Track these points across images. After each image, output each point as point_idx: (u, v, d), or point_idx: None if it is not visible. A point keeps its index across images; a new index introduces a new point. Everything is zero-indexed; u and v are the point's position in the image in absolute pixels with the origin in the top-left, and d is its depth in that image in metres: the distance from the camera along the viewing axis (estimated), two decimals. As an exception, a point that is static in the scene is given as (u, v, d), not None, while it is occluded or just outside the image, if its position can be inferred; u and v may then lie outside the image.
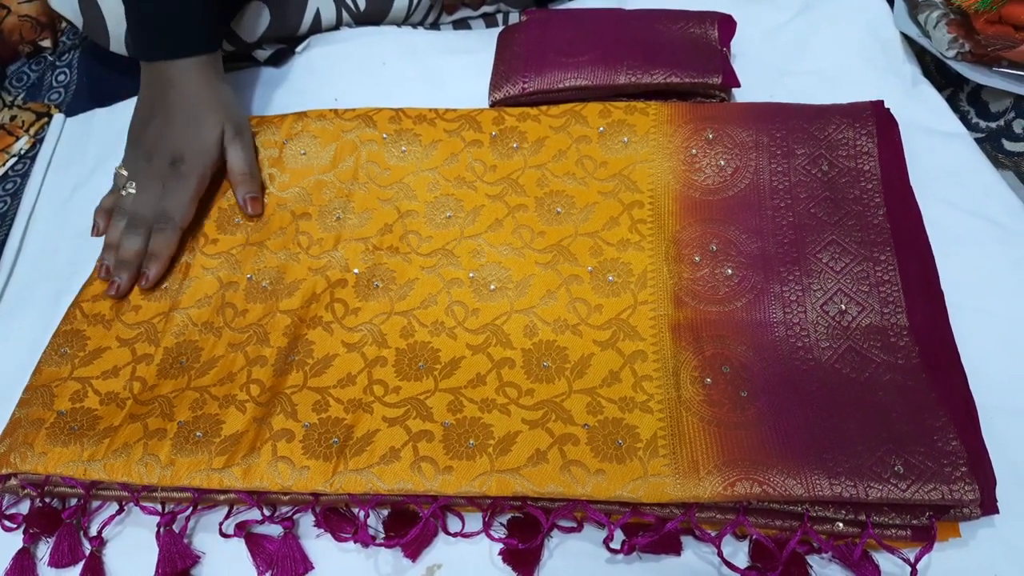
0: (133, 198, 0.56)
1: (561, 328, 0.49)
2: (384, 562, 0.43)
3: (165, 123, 0.57)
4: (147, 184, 0.56)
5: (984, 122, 0.60)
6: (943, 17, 0.60)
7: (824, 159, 0.54)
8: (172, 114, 0.57)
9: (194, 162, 0.56)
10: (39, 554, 0.46)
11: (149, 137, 0.57)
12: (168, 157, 0.56)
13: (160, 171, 0.56)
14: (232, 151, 0.58)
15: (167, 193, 0.55)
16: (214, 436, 0.45)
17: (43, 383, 0.50)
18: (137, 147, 0.58)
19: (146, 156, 0.57)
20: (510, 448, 0.43)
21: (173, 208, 0.55)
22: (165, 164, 0.56)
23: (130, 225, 0.55)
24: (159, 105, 0.58)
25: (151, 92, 0.59)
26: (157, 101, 0.58)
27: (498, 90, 0.63)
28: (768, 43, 0.66)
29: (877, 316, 0.46)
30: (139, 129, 0.58)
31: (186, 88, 0.57)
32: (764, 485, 0.39)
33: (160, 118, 0.57)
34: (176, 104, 0.57)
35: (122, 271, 0.54)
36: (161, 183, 0.56)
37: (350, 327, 0.50)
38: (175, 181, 0.56)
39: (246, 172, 0.58)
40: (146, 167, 0.56)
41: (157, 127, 0.57)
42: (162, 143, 0.56)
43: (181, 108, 0.57)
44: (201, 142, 0.57)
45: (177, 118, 0.57)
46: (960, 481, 0.38)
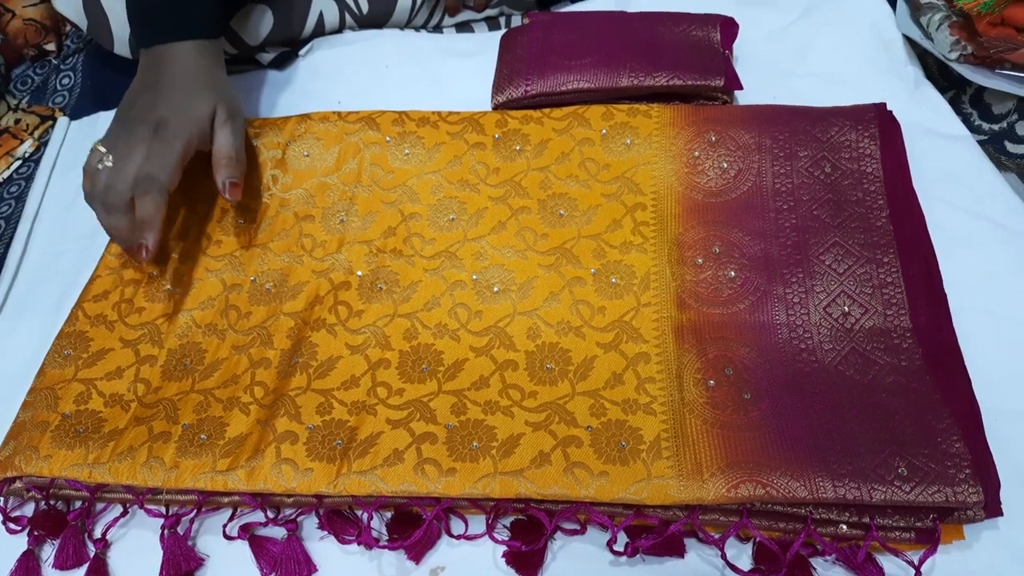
0: (108, 171, 0.52)
1: (564, 330, 0.49)
2: (387, 564, 0.43)
3: (155, 95, 0.55)
4: (125, 152, 0.52)
5: (987, 124, 0.60)
6: (945, 19, 0.60)
7: (827, 161, 0.54)
8: (163, 87, 0.55)
9: (179, 127, 0.53)
10: (43, 556, 0.46)
11: (135, 110, 0.55)
12: (152, 124, 0.53)
13: (142, 137, 0.53)
14: (221, 133, 0.55)
15: (150, 156, 0.52)
16: (218, 439, 0.46)
17: (47, 385, 0.50)
18: (121, 122, 0.55)
19: (128, 126, 0.54)
20: (513, 450, 0.43)
21: (156, 170, 0.52)
22: (148, 130, 0.53)
23: (107, 204, 0.51)
24: (151, 82, 0.56)
25: (143, 73, 0.57)
26: (150, 80, 0.56)
27: (501, 93, 0.63)
28: (771, 45, 0.66)
29: (880, 318, 0.46)
30: (127, 107, 0.56)
31: (182, 67, 0.56)
32: (768, 487, 0.39)
33: (150, 92, 0.55)
34: (170, 79, 0.55)
35: (128, 250, 0.52)
36: (142, 148, 0.52)
37: (354, 329, 0.51)
38: (158, 144, 0.52)
39: (231, 156, 0.55)
40: (126, 136, 0.53)
41: (146, 100, 0.55)
42: (147, 113, 0.54)
43: (174, 83, 0.55)
44: (190, 112, 0.54)
45: (168, 91, 0.55)
46: (964, 483, 0.38)
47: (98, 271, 0.56)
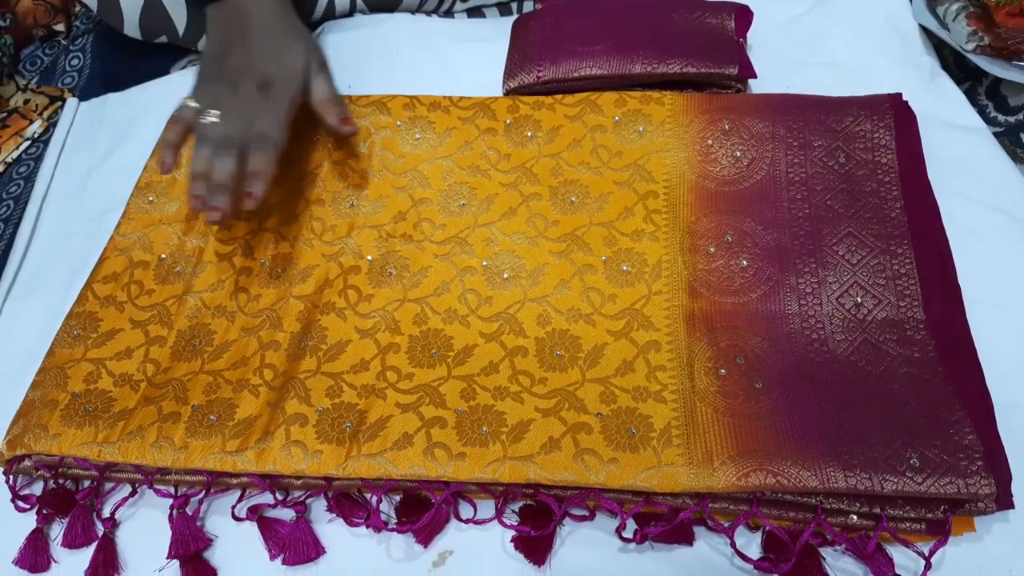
0: (219, 124, 0.53)
1: (574, 317, 0.48)
2: (396, 547, 0.43)
3: (248, 50, 0.56)
4: (235, 109, 0.53)
5: (1003, 116, 0.60)
6: (963, 10, 0.60)
7: (841, 151, 0.54)
8: (255, 41, 0.56)
9: (284, 86, 0.55)
10: (52, 535, 0.46)
11: (231, 66, 0.55)
12: (256, 82, 0.54)
13: (248, 96, 0.54)
14: (317, 81, 0.57)
15: (260, 115, 0.53)
16: (228, 420, 0.46)
17: (57, 364, 0.50)
18: (216, 77, 0.56)
19: (230, 84, 0.54)
20: (523, 436, 0.43)
21: (270, 128, 0.53)
22: (253, 89, 0.54)
23: (220, 148, 0.52)
24: (237, 36, 0.56)
25: (224, 27, 0.58)
26: (234, 34, 0.57)
27: (512, 78, 0.63)
28: (785, 34, 0.66)
29: (893, 309, 0.46)
30: (215, 61, 0.57)
31: (267, 18, 0.57)
32: (778, 476, 0.39)
33: (241, 47, 0.56)
34: (259, 32, 0.56)
35: (219, 195, 0.51)
36: (250, 107, 0.54)
37: (363, 313, 0.50)
38: (267, 103, 0.54)
39: (335, 96, 0.57)
40: (231, 93, 0.54)
41: (239, 55, 0.56)
42: (248, 69, 0.55)
43: (265, 35, 0.56)
44: (290, 68, 0.56)
45: (262, 44, 0.56)
46: (976, 475, 0.38)
47: (107, 252, 0.56)
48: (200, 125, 0.53)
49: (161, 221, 0.57)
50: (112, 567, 0.44)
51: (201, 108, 0.54)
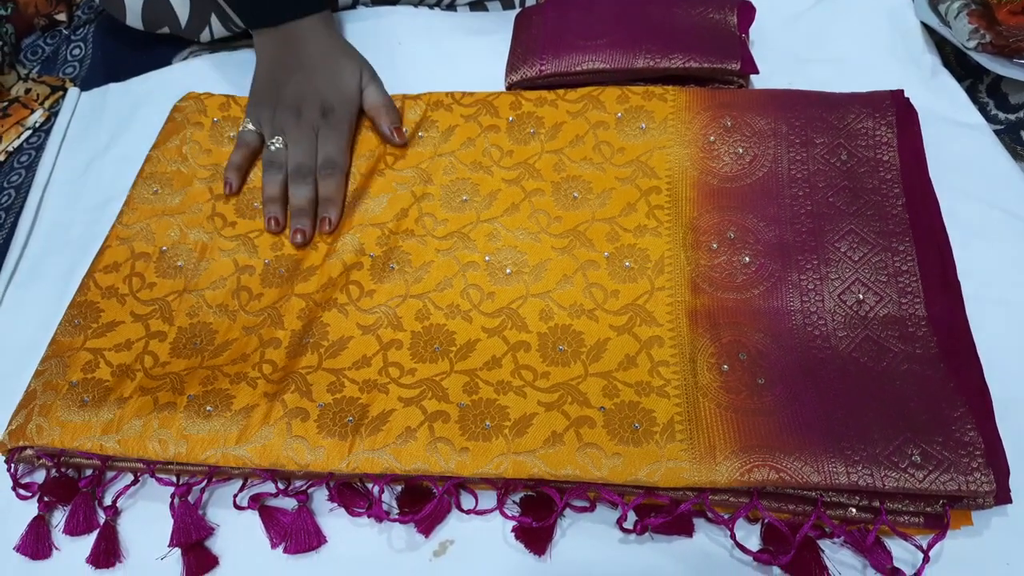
0: (288, 151, 0.57)
1: (577, 313, 0.49)
2: (397, 537, 0.44)
3: (307, 77, 0.59)
4: (300, 136, 0.57)
5: (1003, 114, 0.60)
6: (964, 7, 0.60)
7: (843, 148, 0.54)
8: (312, 67, 0.60)
9: (343, 111, 0.59)
10: (53, 522, 0.46)
11: (291, 92, 0.59)
12: (318, 108, 0.58)
13: (312, 122, 0.58)
14: (369, 91, 0.60)
15: (325, 142, 0.57)
16: (224, 410, 0.45)
17: (57, 354, 0.50)
18: (277, 104, 0.59)
19: (293, 110, 0.58)
20: (526, 430, 0.43)
21: (335, 154, 0.57)
22: (316, 115, 0.58)
23: (297, 175, 0.56)
24: (294, 62, 0.60)
25: (279, 52, 0.61)
26: (290, 58, 0.60)
27: (515, 72, 0.63)
28: (787, 30, 0.66)
29: (895, 306, 0.46)
30: (274, 87, 0.60)
31: (320, 42, 0.61)
32: (781, 471, 0.39)
33: (300, 73, 0.60)
34: (314, 57, 0.60)
35: (303, 219, 0.55)
36: (314, 133, 0.58)
37: (365, 309, 0.50)
38: (329, 130, 0.58)
39: (388, 104, 0.60)
40: (295, 120, 0.58)
41: (299, 81, 0.59)
42: (310, 96, 0.59)
43: (320, 60, 0.60)
44: (347, 91, 0.60)
45: (319, 70, 0.60)
46: (977, 471, 0.38)
47: (108, 240, 0.56)
48: (268, 151, 0.58)
49: (164, 212, 0.57)
50: (113, 555, 0.44)
51: (266, 134, 0.59)
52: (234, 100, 0.64)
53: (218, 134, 0.62)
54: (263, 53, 0.62)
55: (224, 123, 0.62)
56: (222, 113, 0.63)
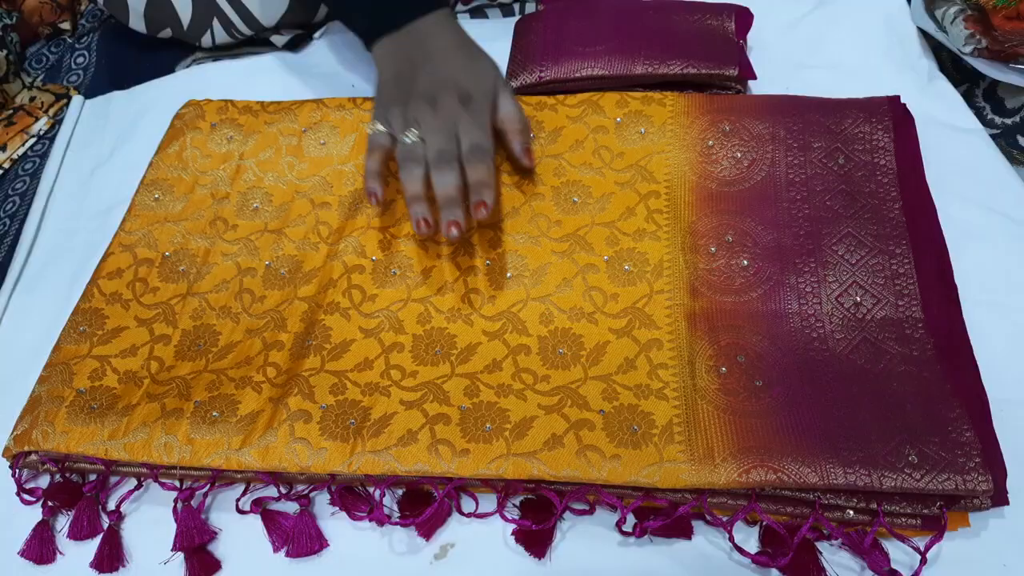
0: (427, 141, 0.51)
1: (577, 316, 0.49)
2: (398, 540, 0.44)
3: (439, 65, 0.54)
4: (438, 124, 0.51)
5: (1000, 118, 0.61)
6: (960, 13, 0.60)
7: (840, 153, 0.54)
8: (444, 57, 0.54)
9: (482, 100, 0.53)
10: (57, 527, 0.47)
11: (423, 83, 0.53)
12: (455, 96, 0.52)
13: (451, 110, 0.52)
14: (505, 102, 0.55)
15: (468, 128, 0.51)
16: (230, 416, 0.46)
17: (62, 360, 0.50)
18: (408, 97, 0.53)
19: (427, 100, 0.52)
20: (526, 432, 0.43)
21: (479, 138, 0.51)
22: (454, 103, 0.52)
23: (440, 162, 0.50)
24: (422, 56, 0.55)
25: (404, 52, 0.56)
26: (417, 55, 0.55)
27: (515, 78, 0.63)
28: (785, 36, 0.67)
29: (892, 308, 0.47)
30: (402, 83, 0.55)
31: (449, 35, 0.56)
32: (779, 473, 0.40)
33: (430, 64, 0.54)
34: (445, 48, 0.55)
35: (454, 209, 0.49)
36: (454, 122, 0.52)
37: (367, 313, 0.51)
38: (471, 116, 0.52)
39: (524, 122, 0.55)
40: (431, 110, 0.52)
41: (430, 72, 0.54)
42: (444, 83, 0.53)
43: (453, 51, 0.55)
44: (484, 82, 0.54)
45: (453, 59, 0.55)
46: (974, 472, 0.38)
47: (112, 248, 0.57)
48: (403, 147, 0.52)
49: (166, 219, 0.58)
50: (117, 559, 0.45)
51: (397, 130, 0.53)
52: (232, 103, 0.64)
53: (217, 137, 0.62)
54: (385, 57, 0.57)
55: (222, 126, 0.63)
56: (220, 116, 0.63)
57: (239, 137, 0.62)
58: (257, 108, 0.64)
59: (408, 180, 0.50)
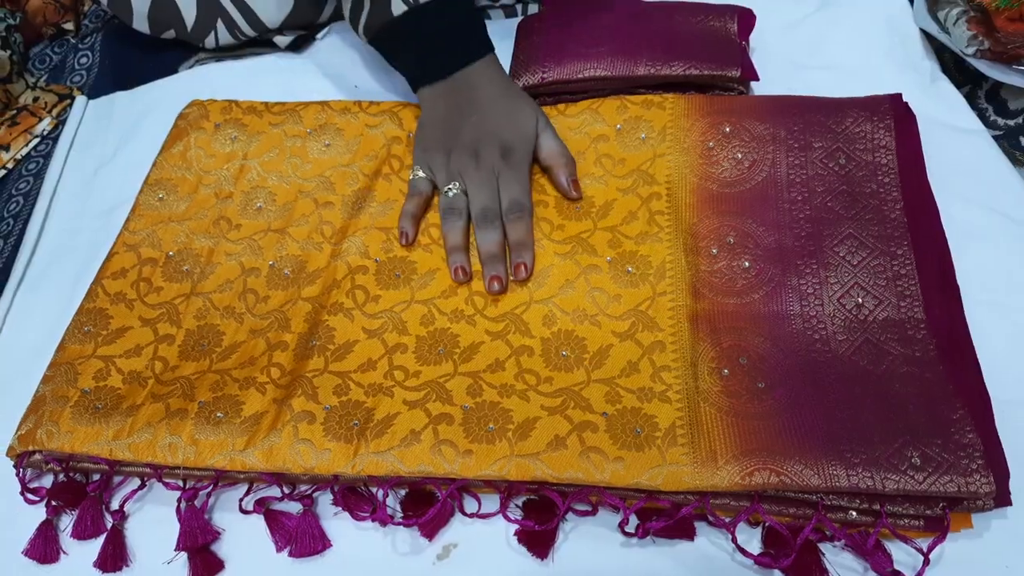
0: (470, 195, 0.55)
1: (580, 318, 0.49)
2: (401, 540, 0.44)
3: (483, 118, 0.56)
4: (481, 179, 0.54)
5: (1002, 119, 0.61)
6: (963, 14, 0.60)
7: (841, 153, 0.54)
8: (488, 108, 0.57)
9: (523, 151, 0.56)
10: (61, 526, 0.47)
11: (467, 135, 0.56)
12: (497, 149, 0.55)
13: (492, 164, 0.55)
14: (546, 138, 0.57)
15: (508, 183, 0.54)
16: (234, 417, 0.46)
17: (67, 360, 0.50)
18: (452, 148, 0.56)
19: (470, 153, 0.55)
20: (529, 433, 0.44)
21: (521, 196, 0.54)
22: (496, 157, 0.55)
23: (484, 220, 0.53)
24: (467, 105, 0.57)
25: (451, 99, 0.58)
26: (463, 102, 0.57)
27: (518, 79, 0.63)
28: (787, 37, 0.67)
29: (894, 309, 0.47)
30: (447, 131, 0.57)
31: (493, 84, 0.58)
32: (782, 475, 0.40)
33: (475, 115, 0.56)
34: (489, 99, 0.57)
35: (497, 265, 0.52)
36: (495, 176, 0.55)
37: (371, 314, 0.51)
38: (511, 171, 0.55)
39: (567, 153, 0.57)
40: (474, 164, 0.55)
41: (475, 124, 0.56)
42: (487, 137, 0.56)
43: (496, 101, 0.57)
44: (525, 131, 0.56)
45: (495, 111, 0.57)
46: (977, 473, 0.38)
47: (115, 248, 0.57)
48: (446, 198, 0.55)
49: (170, 219, 0.58)
50: (121, 559, 0.45)
51: (440, 180, 0.56)
52: (236, 104, 0.64)
53: (221, 137, 0.63)
54: (431, 101, 0.58)
55: (226, 126, 0.63)
56: (224, 116, 0.64)
57: (243, 137, 0.62)
58: (261, 108, 0.64)
59: (450, 231, 0.54)
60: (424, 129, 0.58)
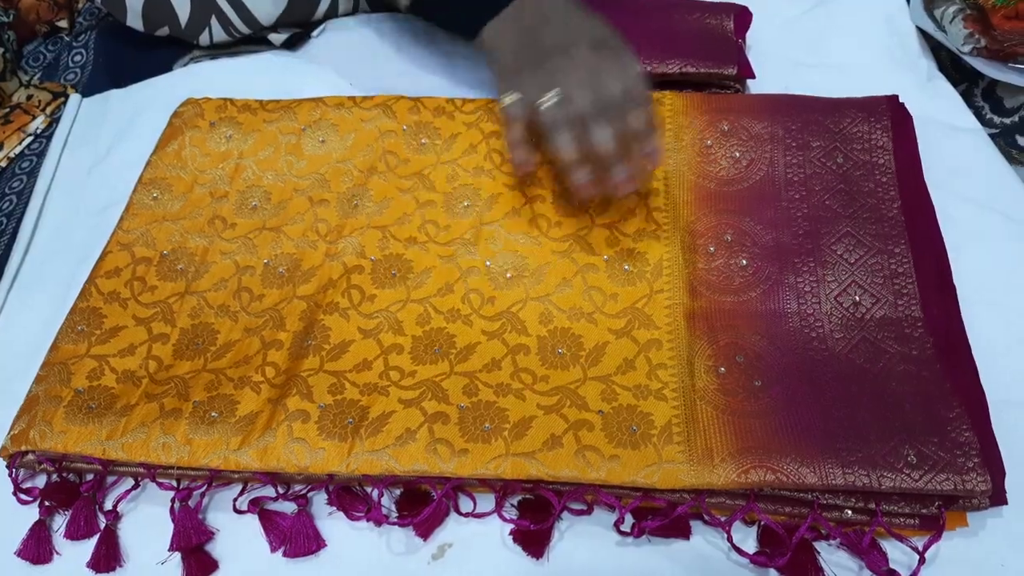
0: (573, 98, 0.48)
1: (576, 316, 0.49)
2: (396, 540, 0.44)
3: (563, 23, 0.51)
4: (580, 77, 0.48)
5: (998, 118, 0.61)
6: (959, 12, 0.60)
7: (839, 152, 0.54)
8: (564, 15, 0.52)
9: (615, 41, 0.50)
10: (54, 526, 0.46)
11: (550, 42, 0.51)
12: (588, 44, 0.49)
13: (587, 59, 0.49)
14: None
15: (612, 73, 0.48)
16: (229, 416, 0.46)
17: (60, 360, 0.50)
18: (538, 61, 0.51)
19: (561, 56, 0.49)
20: (525, 432, 0.43)
21: (632, 81, 0.48)
22: (588, 51, 0.49)
23: (593, 119, 0.47)
24: (538, 21, 0.52)
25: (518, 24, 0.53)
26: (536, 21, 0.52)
27: (514, 78, 0.63)
28: (784, 35, 0.66)
29: (891, 308, 0.47)
30: (526, 50, 0.52)
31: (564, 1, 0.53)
32: (777, 473, 0.40)
33: (551, 25, 0.51)
34: (565, 9, 0.52)
35: (618, 167, 0.48)
36: (595, 71, 0.48)
37: (366, 314, 0.51)
38: (613, 58, 0.49)
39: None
40: (566, 66, 0.49)
41: (555, 31, 0.51)
42: (573, 36, 0.50)
43: (571, 10, 0.52)
44: (608, 28, 0.51)
45: (573, 14, 0.52)
46: (972, 472, 0.38)
47: (109, 246, 0.57)
48: (546, 112, 0.49)
49: (165, 217, 0.58)
50: (114, 559, 0.45)
51: (534, 97, 0.50)
52: (230, 102, 0.64)
53: (216, 136, 0.62)
54: (500, 32, 0.54)
55: (221, 124, 0.63)
56: (219, 115, 0.63)
57: (238, 135, 0.62)
58: (256, 106, 0.64)
59: (562, 146, 0.48)
60: (502, 59, 0.53)
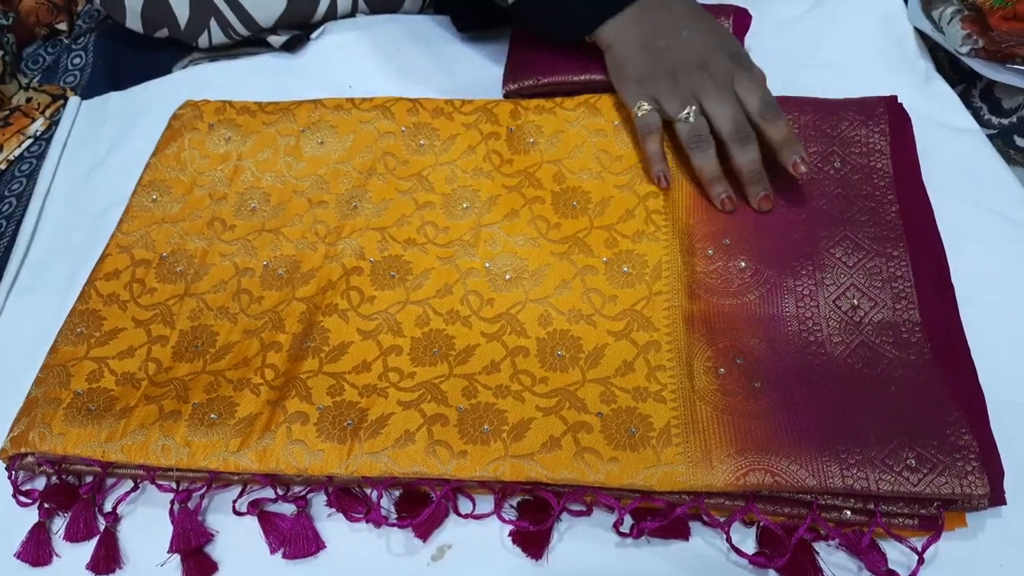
0: (713, 114, 0.50)
1: (575, 318, 0.49)
2: (395, 541, 0.44)
3: (695, 30, 0.52)
4: (721, 93, 0.50)
5: (996, 118, 0.61)
6: (957, 13, 0.60)
7: (837, 156, 0.54)
8: (697, 22, 0.53)
9: (746, 53, 0.52)
10: (53, 528, 0.46)
11: (686, 51, 0.52)
12: (724, 55, 0.51)
13: (725, 71, 0.51)
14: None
15: (749, 88, 0.50)
16: (228, 418, 0.46)
17: (59, 362, 0.50)
18: (674, 70, 0.52)
19: (698, 68, 0.51)
20: (524, 434, 0.43)
21: (767, 95, 0.51)
22: (726, 63, 0.51)
23: (737, 136, 0.50)
24: (670, 25, 0.53)
25: (645, 24, 0.53)
26: (661, 25, 0.53)
27: (512, 81, 0.63)
28: (782, 37, 0.66)
29: (889, 311, 0.47)
30: (659, 55, 0.52)
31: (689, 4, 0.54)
32: (776, 475, 0.40)
33: (686, 31, 0.52)
34: (691, 14, 0.53)
35: (762, 181, 0.50)
36: (732, 83, 0.51)
37: (365, 315, 0.51)
38: (747, 72, 0.51)
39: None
40: (707, 77, 0.51)
41: (690, 38, 0.52)
42: (709, 47, 0.52)
43: (699, 15, 0.53)
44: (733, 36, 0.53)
45: (704, 22, 0.53)
46: (971, 475, 0.38)
47: (109, 249, 0.57)
48: (688, 127, 0.51)
49: (164, 220, 0.58)
50: (113, 561, 0.45)
51: (672, 109, 0.52)
52: (230, 104, 0.64)
53: (215, 138, 0.62)
54: (622, 32, 0.54)
55: (220, 126, 0.63)
56: (218, 117, 0.63)
57: (237, 138, 0.62)
58: (255, 108, 0.64)
59: (704, 162, 0.51)
60: (626, 62, 0.54)
